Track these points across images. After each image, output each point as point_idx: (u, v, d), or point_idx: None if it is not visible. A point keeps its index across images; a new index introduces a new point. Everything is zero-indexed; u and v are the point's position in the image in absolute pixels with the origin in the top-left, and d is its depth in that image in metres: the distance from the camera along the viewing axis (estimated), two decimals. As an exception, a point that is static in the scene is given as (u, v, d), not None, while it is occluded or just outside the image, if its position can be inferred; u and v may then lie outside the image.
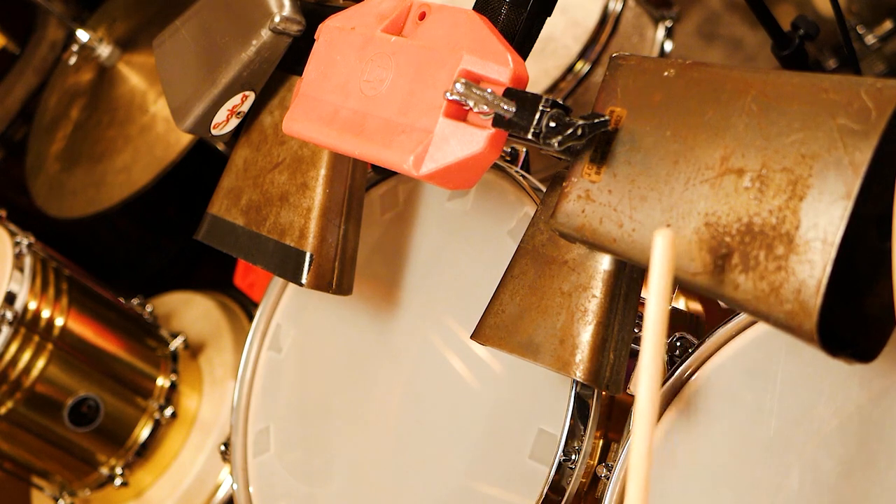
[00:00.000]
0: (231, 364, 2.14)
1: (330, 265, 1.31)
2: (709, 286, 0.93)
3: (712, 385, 1.16)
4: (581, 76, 1.93)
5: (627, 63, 1.04)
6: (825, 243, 0.86)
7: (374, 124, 1.11)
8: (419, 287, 1.43)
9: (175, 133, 2.14)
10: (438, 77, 1.06)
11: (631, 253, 1.00)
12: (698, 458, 1.15)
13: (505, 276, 1.17)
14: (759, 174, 0.92)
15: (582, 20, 1.96)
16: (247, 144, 1.39)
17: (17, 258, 1.96)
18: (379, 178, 1.52)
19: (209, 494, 2.06)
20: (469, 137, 1.02)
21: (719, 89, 0.97)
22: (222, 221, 1.39)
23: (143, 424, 2.07)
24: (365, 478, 1.41)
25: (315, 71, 1.20)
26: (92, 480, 2.08)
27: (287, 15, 1.26)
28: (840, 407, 1.06)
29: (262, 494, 1.52)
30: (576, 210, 1.04)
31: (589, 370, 1.08)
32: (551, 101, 0.98)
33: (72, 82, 2.44)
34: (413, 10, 1.14)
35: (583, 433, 1.21)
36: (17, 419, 1.96)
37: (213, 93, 1.30)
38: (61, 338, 1.98)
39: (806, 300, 0.87)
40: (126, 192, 2.17)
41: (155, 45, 1.42)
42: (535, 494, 1.22)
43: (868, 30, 2.23)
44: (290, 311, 1.58)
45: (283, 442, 1.53)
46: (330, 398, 1.49)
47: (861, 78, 0.89)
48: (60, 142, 2.37)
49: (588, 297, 1.09)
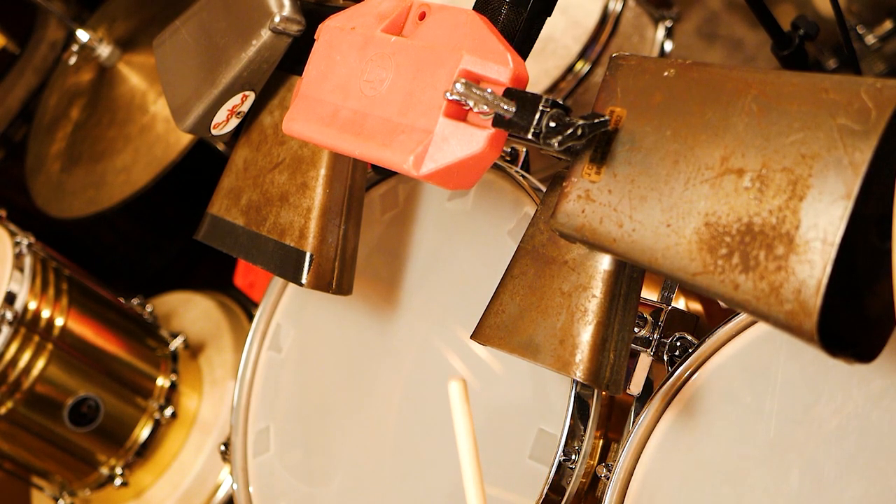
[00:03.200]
0: (231, 364, 2.14)
1: (330, 265, 1.31)
2: (709, 286, 0.93)
3: (712, 385, 1.16)
4: (581, 76, 1.93)
5: (627, 63, 1.04)
6: (825, 243, 0.86)
7: (373, 124, 1.11)
8: (419, 287, 1.43)
9: (175, 133, 2.14)
10: (438, 77, 1.06)
11: (631, 253, 1.00)
12: (698, 458, 1.15)
13: (505, 276, 1.17)
14: (759, 174, 0.92)
15: (582, 20, 1.96)
16: (247, 144, 1.39)
17: (17, 258, 1.96)
18: (379, 178, 1.52)
19: (209, 494, 2.06)
20: (469, 137, 1.02)
21: (719, 89, 0.96)
22: (222, 221, 1.39)
23: (143, 424, 2.07)
24: (365, 478, 1.41)
25: (315, 71, 1.20)
26: (92, 480, 2.08)
27: (287, 15, 1.26)
28: (840, 407, 1.06)
29: (262, 494, 1.52)
30: (576, 210, 1.04)
31: (589, 370, 1.08)
32: (551, 101, 0.98)
33: (72, 82, 2.44)
34: (413, 10, 1.14)
35: (583, 433, 1.21)
36: (17, 419, 1.96)
37: (213, 93, 1.30)
38: (61, 338, 1.98)
39: (806, 300, 0.87)
40: (126, 192, 2.17)
41: (155, 45, 1.42)
42: (535, 494, 1.22)
43: (868, 30, 2.23)
44: (290, 311, 1.58)
45: (283, 442, 1.53)
46: (330, 398, 1.49)
47: (861, 78, 0.89)
48: (60, 142, 2.37)
49: (588, 297, 1.09)
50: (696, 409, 1.17)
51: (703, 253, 0.94)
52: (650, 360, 1.22)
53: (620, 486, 1.19)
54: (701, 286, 0.94)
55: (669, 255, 0.96)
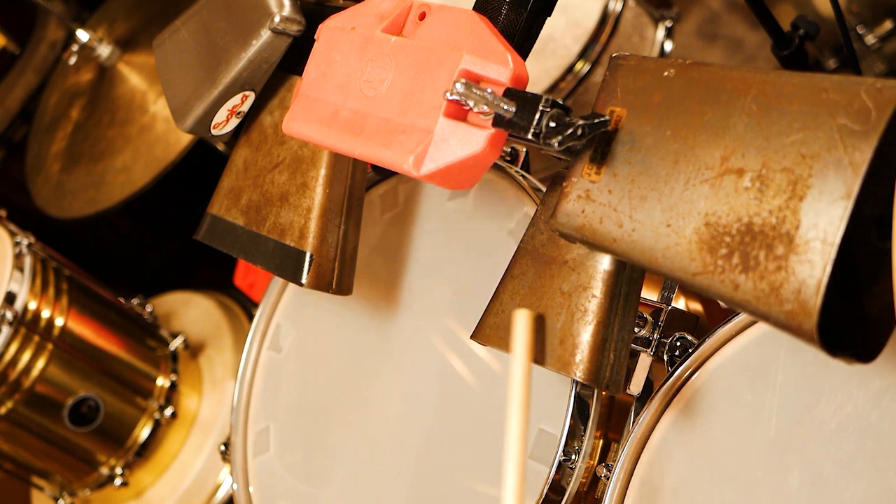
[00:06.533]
0: (231, 364, 2.14)
1: (330, 265, 1.31)
2: (709, 286, 0.93)
3: (712, 385, 1.16)
4: (581, 76, 1.93)
5: (627, 63, 1.04)
6: (825, 243, 0.86)
7: (373, 124, 1.11)
8: (419, 287, 1.43)
9: (175, 133, 2.14)
10: (438, 77, 1.06)
11: (631, 253, 1.00)
12: (698, 458, 1.15)
13: (505, 276, 1.17)
14: (759, 174, 0.92)
15: (582, 20, 1.96)
16: (247, 144, 1.39)
17: (17, 258, 1.96)
18: (379, 178, 1.52)
19: (209, 494, 2.06)
20: (469, 137, 1.02)
21: (719, 89, 0.96)
22: (222, 221, 1.39)
23: (143, 424, 2.07)
24: (365, 478, 1.41)
25: (315, 71, 1.20)
26: (92, 480, 2.08)
27: (287, 15, 1.26)
28: (840, 407, 1.06)
29: (262, 494, 1.52)
30: (576, 210, 1.04)
31: (589, 370, 1.08)
32: (551, 101, 0.98)
33: (72, 82, 2.44)
34: (413, 11, 1.14)
35: (583, 433, 1.21)
36: (17, 419, 1.96)
37: (213, 93, 1.30)
38: (61, 338, 1.98)
39: (806, 300, 0.87)
40: (126, 192, 2.17)
41: (155, 45, 1.42)
42: (535, 494, 1.22)
43: (868, 30, 2.23)
44: (290, 311, 1.58)
45: (283, 442, 1.53)
46: (330, 398, 1.49)
47: (861, 78, 0.89)
48: (60, 142, 2.37)
49: (588, 297, 1.09)
50: (696, 409, 1.17)
51: (703, 253, 0.94)
52: (650, 360, 1.22)
53: (620, 486, 1.19)
54: (701, 286, 0.94)
55: (669, 255, 0.96)
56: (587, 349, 1.08)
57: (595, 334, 1.08)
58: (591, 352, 1.08)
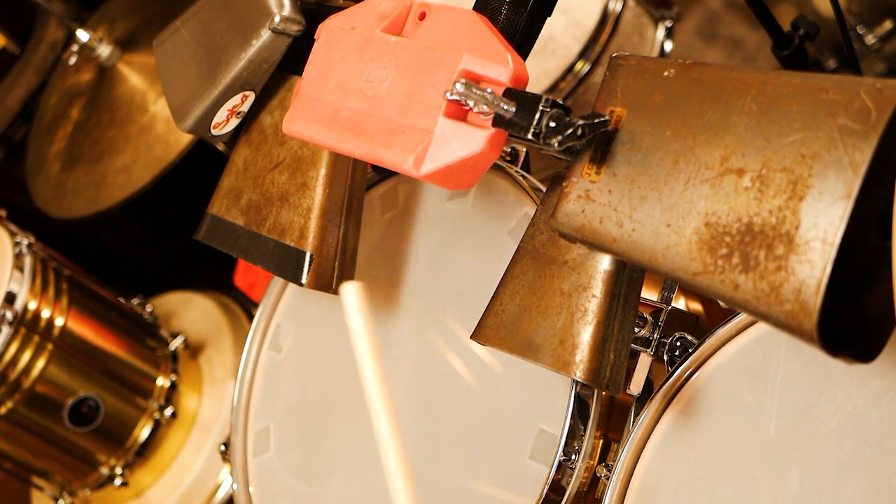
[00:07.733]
0: (231, 364, 2.14)
1: (330, 265, 1.31)
2: (709, 286, 0.93)
3: (712, 385, 1.16)
4: (581, 76, 1.93)
5: (627, 63, 1.04)
6: (825, 243, 0.86)
7: (373, 124, 1.11)
8: (419, 287, 1.43)
9: (175, 133, 2.14)
10: (438, 77, 1.06)
11: (631, 253, 1.00)
12: (698, 458, 1.15)
13: (505, 276, 1.17)
14: (759, 174, 0.92)
15: (582, 20, 1.96)
16: (247, 144, 1.39)
17: (17, 258, 1.96)
18: (379, 178, 1.52)
19: (209, 494, 2.06)
20: (469, 137, 1.02)
21: (719, 89, 0.96)
22: (222, 221, 1.39)
23: (143, 424, 2.07)
24: (365, 478, 1.41)
25: (315, 71, 1.20)
26: (92, 480, 2.08)
27: (287, 15, 1.26)
28: (840, 407, 1.06)
29: (262, 494, 1.52)
30: (576, 210, 1.04)
31: (589, 370, 1.08)
32: (551, 101, 0.98)
33: (72, 82, 2.44)
34: (413, 10, 1.14)
35: (583, 433, 1.21)
36: (17, 419, 1.96)
37: (213, 93, 1.30)
38: (61, 338, 1.98)
39: (806, 300, 0.87)
40: (126, 192, 2.17)
41: (155, 45, 1.42)
42: (535, 494, 1.22)
43: (868, 30, 2.23)
44: (290, 311, 1.58)
45: (283, 442, 1.53)
46: (330, 398, 1.49)
47: (861, 78, 0.89)
48: (60, 142, 2.37)
49: (588, 297, 1.09)
50: (696, 409, 1.17)
51: (703, 253, 0.94)
52: (650, 360, 1.22)
53: (620, 486, 1.19)
54: (701, 286, 0.94)
55: (669, 255, 0.96)
56: (587, 349, 1.08)
57: (595, 334, 1.08)
58: (591, 352, 1.08)
